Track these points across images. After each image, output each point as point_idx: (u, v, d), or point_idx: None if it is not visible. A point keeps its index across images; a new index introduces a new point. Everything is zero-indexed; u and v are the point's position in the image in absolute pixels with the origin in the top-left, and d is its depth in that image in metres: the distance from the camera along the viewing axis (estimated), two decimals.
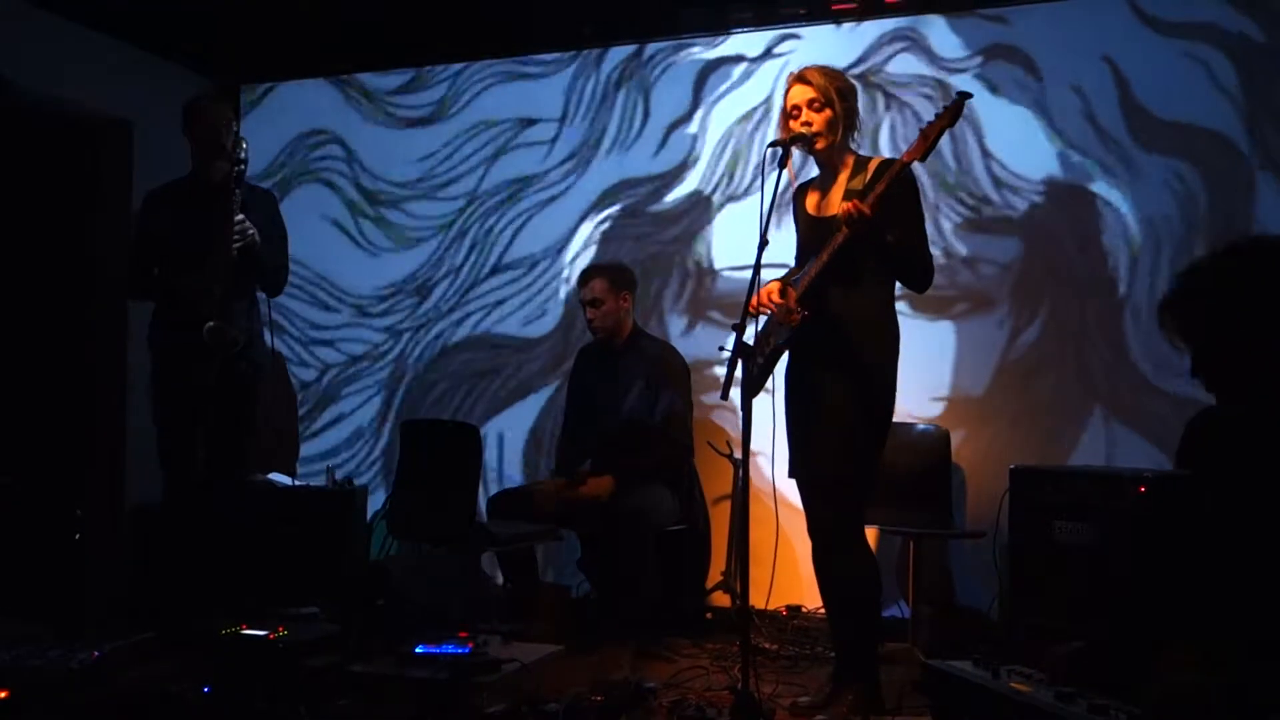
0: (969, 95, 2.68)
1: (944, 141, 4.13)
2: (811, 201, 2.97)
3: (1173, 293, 1.94)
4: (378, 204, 5.16)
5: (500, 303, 4.91)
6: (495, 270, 4.93)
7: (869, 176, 2.80)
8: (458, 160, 5.02)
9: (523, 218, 4.89)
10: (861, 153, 2.93)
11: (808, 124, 2.82)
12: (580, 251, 4.76)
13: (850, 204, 2.64)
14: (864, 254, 2.74)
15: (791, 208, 3.08)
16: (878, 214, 2.64)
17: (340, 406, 5.14)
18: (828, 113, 2.83)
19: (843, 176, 2.88)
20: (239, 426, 3.70)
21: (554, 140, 4.86)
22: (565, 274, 4.78)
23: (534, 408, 4.82)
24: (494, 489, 4.56)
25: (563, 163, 4.84)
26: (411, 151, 5.10)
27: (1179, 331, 1.92)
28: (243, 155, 3.54)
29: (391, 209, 5.13)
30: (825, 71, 2.88)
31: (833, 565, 2.88)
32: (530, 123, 4.89)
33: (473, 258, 4.96)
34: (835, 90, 2.83)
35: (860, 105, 2.94)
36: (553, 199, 4.84)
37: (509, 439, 4.83)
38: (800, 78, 2.87)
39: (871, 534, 3.95)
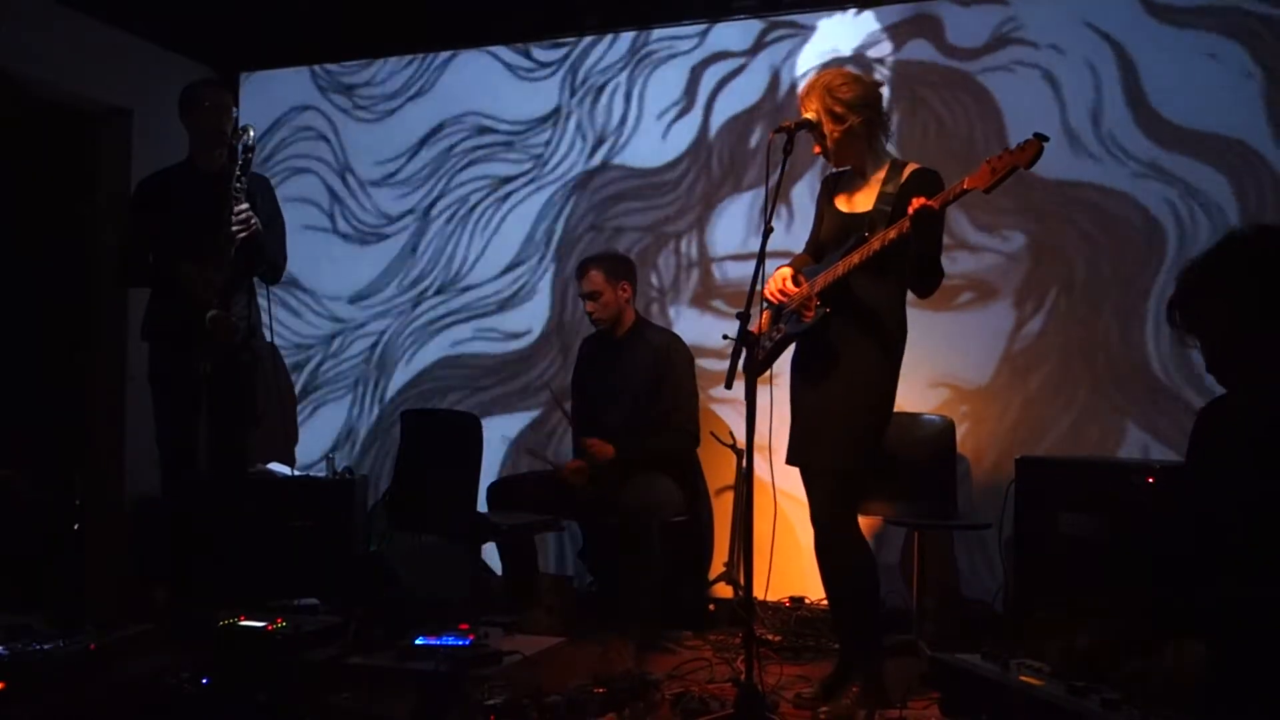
0: (1046, 139, 2.43)
1: (951, 132, 4.16)
2: (842, 197, 2.94)
3: (1178, 291, 1.92)
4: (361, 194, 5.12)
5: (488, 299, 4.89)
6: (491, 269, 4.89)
7: (902, 180, 2.78)
8: (450, 152, 4.98)
9: (517, 211, 4.86)
10: (896, 157, 2.89)
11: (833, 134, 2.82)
12: (578, 243, 4.73)
13: (930, 202, 2.56)
14: (893, 253, 2.70)
15: (815, 197, 3.05)
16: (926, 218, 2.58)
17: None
18: (836, 130, 2.80)
19: (875, 177, 2.84)
20: (239, 417, 3.67)
21: (553, 130, 4.82)
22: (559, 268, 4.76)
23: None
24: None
25: (562, 153, 4.79)
26: (399, 142, 5.07)
27: (1189, 329, 1.90)
28: (250, 142, 3.48)
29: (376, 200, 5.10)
30: (830, 89, 2.81)
31: (831, 556, 2.86)
32: (529, 112, 4.85)
33: (464, 254, 4.94)
34: (845, 105, 2.79)
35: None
36: (548, 190, 4.81)
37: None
38: (803, 96, 2.86)
39: (875, 525, 3.96)
